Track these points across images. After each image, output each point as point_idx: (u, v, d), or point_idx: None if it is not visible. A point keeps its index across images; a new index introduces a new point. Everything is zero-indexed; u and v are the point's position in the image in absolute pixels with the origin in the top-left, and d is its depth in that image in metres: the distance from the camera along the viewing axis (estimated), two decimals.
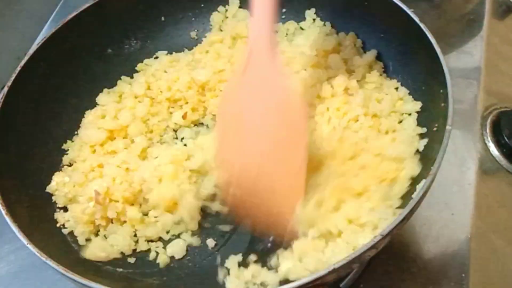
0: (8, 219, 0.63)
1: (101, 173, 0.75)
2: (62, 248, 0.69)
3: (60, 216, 0.71)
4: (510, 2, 1.04)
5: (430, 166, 0.61)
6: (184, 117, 0.83)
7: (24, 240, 0.62)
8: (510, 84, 0.96)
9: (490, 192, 0.81)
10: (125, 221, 0.73)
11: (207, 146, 0.76)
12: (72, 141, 0.81)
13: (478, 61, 0.93)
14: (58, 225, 0.71)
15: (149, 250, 0.72)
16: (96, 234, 0.73)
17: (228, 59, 0.86)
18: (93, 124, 0.81)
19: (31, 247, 0.61)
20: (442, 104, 0.67)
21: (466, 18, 1.01)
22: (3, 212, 0.64)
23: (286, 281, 0.61)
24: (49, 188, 0.75)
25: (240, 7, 0.93)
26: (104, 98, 0.85)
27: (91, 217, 0.71)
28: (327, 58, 0.83)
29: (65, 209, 0.74)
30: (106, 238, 0.72)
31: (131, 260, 0.71)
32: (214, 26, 0.93)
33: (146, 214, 0.74)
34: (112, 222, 0.73)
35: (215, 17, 0.93)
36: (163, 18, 0.93)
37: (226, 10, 0.93)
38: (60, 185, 0.74)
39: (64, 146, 0.80)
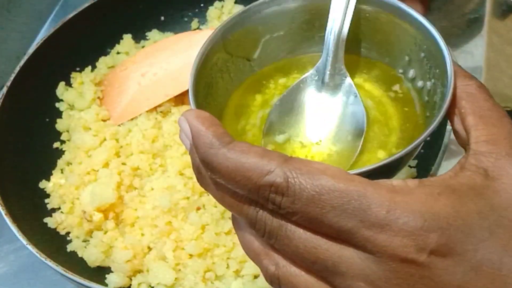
0: (7, 219, 0.63)
1: (96, 176, 0.73)
2: (62, 248, 0.69)
3: (58, 217, 0.71)
4: (511, 2, 1.03)
5: (430, 167, 0.61)
6: None
7: (23, 240, 0.62)
8: (511, 84, 0.95)
9: None
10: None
11: None
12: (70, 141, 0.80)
13: (478, 61, 0.93)
14: (57, 225, 0.71)
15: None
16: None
17: None
18: (85, 128, 0.78)
19: (30, 247, 0.61)
20: None
21: (467, 18, 1.01)
22: (3, 212, 0.64)
23: None
24: (47, 189, 0.74)
25: (235, 2, 0.92)
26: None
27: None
28: None
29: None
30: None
31: None
32: (211, 21, 0.93)
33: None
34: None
35: (211, 13, 0.92)
36: (163, 18, 0.92)
37: (222, 6, 0.92)
38: (56, 186, 0.74)
39: (62, 147, 0.79)
